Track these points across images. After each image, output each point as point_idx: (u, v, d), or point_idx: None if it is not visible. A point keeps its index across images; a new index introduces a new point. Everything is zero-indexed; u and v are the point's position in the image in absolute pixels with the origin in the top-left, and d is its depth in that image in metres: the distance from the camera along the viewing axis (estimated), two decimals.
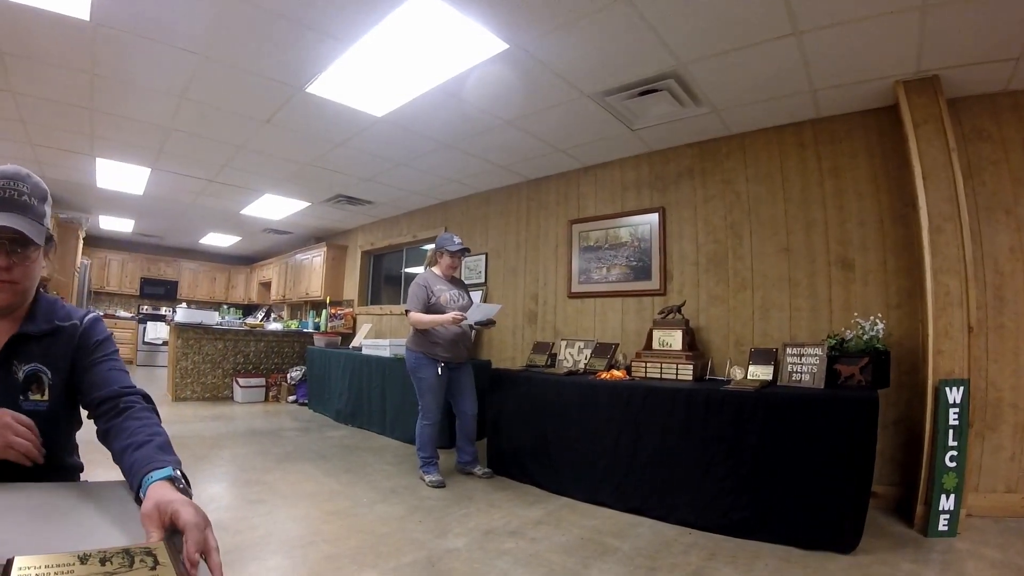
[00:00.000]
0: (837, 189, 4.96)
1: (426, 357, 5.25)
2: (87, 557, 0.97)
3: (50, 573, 0.93)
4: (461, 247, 5.49)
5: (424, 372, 5.24)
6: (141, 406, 1.65)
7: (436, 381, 5.23)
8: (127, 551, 1.02)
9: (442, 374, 5.26)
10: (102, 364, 1.72)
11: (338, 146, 6.62)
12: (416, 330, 5.31)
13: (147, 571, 0.99)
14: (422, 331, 5.27)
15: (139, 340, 15.12)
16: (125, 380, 1.72)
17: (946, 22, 3.61)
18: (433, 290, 5.30)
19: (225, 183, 8.67)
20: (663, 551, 3.64)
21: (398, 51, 4.40)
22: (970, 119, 4.50)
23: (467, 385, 5.47)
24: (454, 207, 9.00)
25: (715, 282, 5.63)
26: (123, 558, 1.00)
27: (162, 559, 1.03)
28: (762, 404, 3.95)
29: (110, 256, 15.52)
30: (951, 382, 3.88)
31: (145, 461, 1.39)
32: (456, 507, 4.45)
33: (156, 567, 1.00)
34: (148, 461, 1.39)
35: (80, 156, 7.51)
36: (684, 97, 4.87)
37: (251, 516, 4.04)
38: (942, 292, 4.06)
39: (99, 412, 1.64)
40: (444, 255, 5.49)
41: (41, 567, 0.93)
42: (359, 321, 11.27)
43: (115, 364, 1.75)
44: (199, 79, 5.01)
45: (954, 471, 3.82)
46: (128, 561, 1.00)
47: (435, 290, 5.30)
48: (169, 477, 1.35)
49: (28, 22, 4.17)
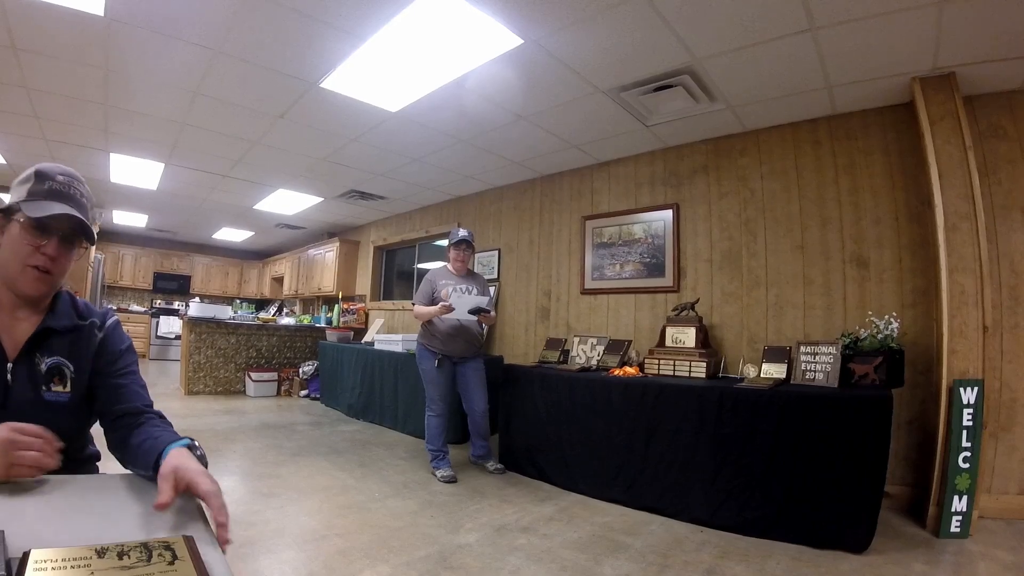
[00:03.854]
0: (852, 186, 4.93)
1: (426, 349, 5.37)
2: (104, 551, 0.98)
3: (67, 567, 0.93)
4: (459, 238, 5.51)
5: (425, 363, 5.37)
6: (158, 421, 1.70)
7: (436, 373, 5.30)
8: (145, 545, 1.02)
9: (440, 366, 5.31)
10: (125, 378, 1.76)
11: (352, 141, 6.62)
12: (422, 323, 5.40)
13: (165, 565, 0.99)
14: (424, 323, 5.38)
15: (152, 334, 15.21)
16: (146, 398, 1.77)
17: (962, 18, 3.58)
18: (437, 284, 5.36)
19: (239, 178, 8.69)
20: (675, 549, 3.64)
21: (413, 46, 4.39)
22: (986, 116, 4.45)
23: (475, 382, 5.48)
24: (467, 202, 9.01)
25: (729, 279, 5.60)
26: (141, 552, 1.00)
27: (180, 553, 1.03)
28: (775, 402, 3.94)
29: (124, 251, 15.62)
30: (965, 382, 3.85)
31: (164, 439, 1.49)
32: (468, 502, 4.46)
33: (175, 561, 1.00)
34: (167, 439, 1.49)
35: (94, 151, 7.55)
36: (699, 93, 4.85)
37: (264, 510, 4.05)
38: (957, 291, 4.03)
39: (117, 424, 1.68)
40: (450, 249, 5.56)
41: (58, 560, 0.93)
42: (371, 316, 11.30)
43: (136, 379, 1.80)
44: (213, 74, 5.02)
45: (967, 472, 3.79)
46: (146, 555, 1.00)
47: (439, 284, 5.35)
48: (188, 446, 1.46)
49: (41, 17, 4.19)
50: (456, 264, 5.54)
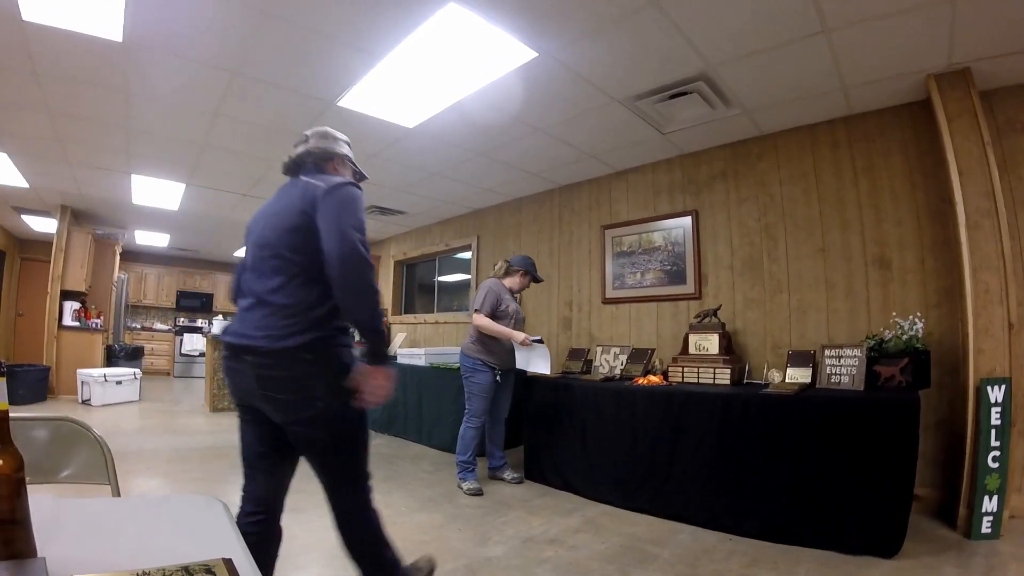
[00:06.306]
0: (872, 187, 4.91)
1: (484, 363, 5.34)
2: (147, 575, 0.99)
3: None
4: (535, 273, 5.67)
5: (479, 377, 5.32)
6: None
7: (490, 386, 5.31)
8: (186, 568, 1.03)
9: (500, 380, 5.38)
10: None
11: (370, 157, 6.66)
12: (479, 334, 5.39)
13: None
14: (484, 338, 5.36)
15: (176, 352, 15.39)
16: None
17: (976, 13, 3.56)
18: (503, 298, 5.39)
19: (259, 196, 8.74)
20: (704, 558, 3.62)
21: (428, 63, 4.44)
22: (1004, 111, 4.41)
23: (508, 391, 5.57)
24: (487, 215, 9.03)
25: (751, 285, 5.59)
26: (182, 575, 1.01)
27: None
28: (801, 407, 3.93)
29: (147, 270, 15.79)
30: (993, 381, 3.81)
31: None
32: (494, 515, 4.47)
33: None
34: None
35: (116, 173, 7.67)
36: (714, 99, 4.85)
37: (292, 525, 4.03)
38: (981, 289, 3.99)
39: None
40: (523, 275, 5.61)
41: None
42: (393, 330, 11.32)
43: None
44: (232, 95, 5.09)
45: (996, 472, 3.74)
46: None
47: (504, 299, 5.40)
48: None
49: (62, 44, 4.27)
50: (518, 287, 5.63)
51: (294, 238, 2.26)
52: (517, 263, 5.63)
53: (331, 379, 2.25)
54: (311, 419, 2.24)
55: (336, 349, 2.29)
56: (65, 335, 10.07)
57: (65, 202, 9.78)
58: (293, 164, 2.66)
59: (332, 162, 2.72)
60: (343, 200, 2.26)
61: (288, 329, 2.17)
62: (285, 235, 2.28)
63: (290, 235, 2.27)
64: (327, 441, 2.32)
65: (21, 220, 11.05)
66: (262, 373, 2.20)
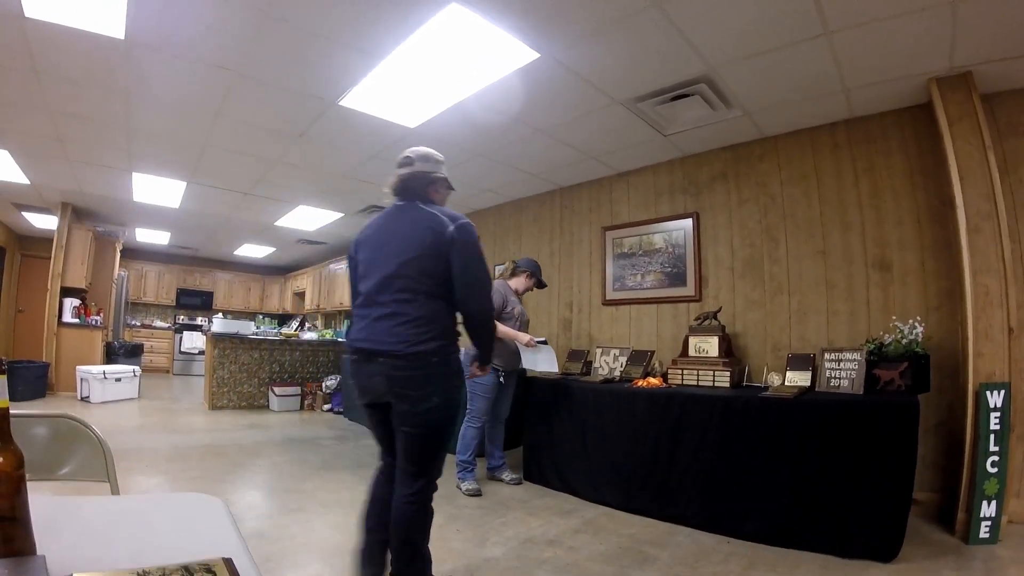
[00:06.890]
0: (873, 189, 4.91)
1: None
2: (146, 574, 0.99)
3: None
4: (541, 279, 5.72)
5: (485, 378, 5.25)
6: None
7: (493, 387, 5.30)
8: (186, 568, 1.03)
9: (503, 381, 5.38)
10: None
11: (371, 158, 6.67)
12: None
13: None
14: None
15: (176, 350, 15.39)
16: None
17: (977, 17, 3.57)
18: (509, 300, 5.40)
19: (260, 195, 8.79)
20: (702, 560, 3.62)
21: (430, 63, 4.44)
22: (1005, 114, 4.41)
23: (510, 392, 5.57)
24: (487, 216, 9.00)
25: (751, 287, 5.59)
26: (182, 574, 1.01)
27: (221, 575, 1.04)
28: (801, 411, 3.93)
29: (147, 267, 15.79)
30: (992, 385, 3.81)
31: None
32: (493, 516, 4.46)
33: None
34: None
35: (117, 171, 7.68)
36: (716, 101, 4.85)
37: (290, 524, 4.07)
38: (981, 293, 3.99)
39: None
40: (528, 277, 5.62)
41: None
42: None
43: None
44: (233, 95, 5.09)
45: (995, 476, 3.74)
46: None
47: (510, 300, 5.40)
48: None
49: (63, 41, 4.28)
50: (522, 288, 5.61)
51: (425, 264, 2.71)
52: (524, 265, 5.63)
53: (447, 379, 2.75)
54: (427, 410, 2.66)
55: (454, 355, 2.81)
56: (65, 332, 10.08)
57: (66, 199, 9.79)
58: (402, 187, 3.09)
59: (434, 185, 3.09)
60: (472, 246, 2.78)
61: (419, 336, 2.63)
62: (416, 260, 2.72)
63: (421, 261, 2.71)
64: (431, 427, 2.73)
65: (22, 217, 11.04)
66: (394, 373, 2.65)
